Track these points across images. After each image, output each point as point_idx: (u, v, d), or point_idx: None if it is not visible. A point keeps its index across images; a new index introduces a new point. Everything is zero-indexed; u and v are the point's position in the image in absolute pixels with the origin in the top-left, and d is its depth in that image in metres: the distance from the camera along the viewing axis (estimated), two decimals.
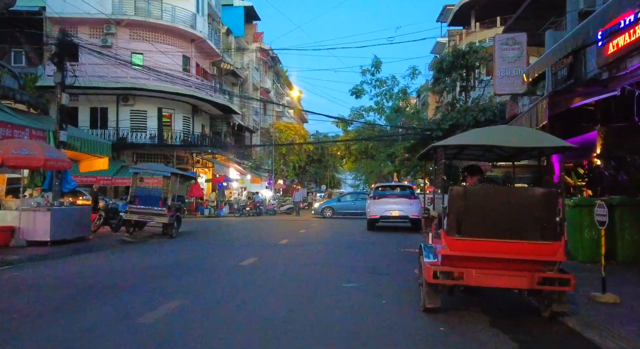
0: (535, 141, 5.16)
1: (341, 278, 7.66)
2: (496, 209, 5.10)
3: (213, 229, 19.04)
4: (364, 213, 26.65)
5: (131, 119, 29.18)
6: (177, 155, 29.65)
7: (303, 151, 40.89)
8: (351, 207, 27.01)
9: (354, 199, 28.29)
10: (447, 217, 5.18)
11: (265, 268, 8.88)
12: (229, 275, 7.91)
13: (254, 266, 8.95)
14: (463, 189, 5.31)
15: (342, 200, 28.54)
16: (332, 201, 29.29)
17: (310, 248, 12.01)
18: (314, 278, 7.70)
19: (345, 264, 9.27)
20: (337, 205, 27.66)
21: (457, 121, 25.70)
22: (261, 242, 13.68)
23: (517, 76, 16.92)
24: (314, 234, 16.16)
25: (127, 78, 28.13)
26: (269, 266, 9.11)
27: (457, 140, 5.56)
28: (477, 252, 5.05)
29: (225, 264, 9.22)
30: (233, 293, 6.51)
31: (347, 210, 26.94)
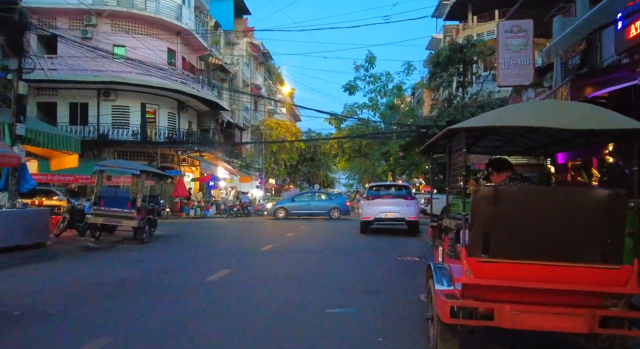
0: (602, 121, 3.60)
1: (326, 300, 6.12)
2: (539, 218, 3.57)
3: (193, 232, 17.44)
4: (320, 213, 25.37)
5: (113, 114, 27.49)
6: (161, 153, 27.99)
7: (295, 149, 39.25)
8: (306, 207, 25.26)
9: (309, 198, 26.38)
10: (470, 230, 3.65)
11: (236, 285, 7.32)
12: (187, 296, 6.32)
13: (222, 282, 7.39)
14: (492, 190, 3.77)
15: (296, 200, 26.35)
16: (286, 201, 27.18)
17: (294, 256, 10.46)
18: (291, 300, 6.15)
19: (333, 279, 7.73)
20: (291, 205, 25.61)
21: (454, 117, 24.23)
22: (241, 249, 12.12)
23: (523, 66, 15.49)
24: (301, 239, 14.62)
25: (108, 72, 26.45)
26: (241, 282, 7.55)
27: (486, 120, 3.99)
28: (513, 280, 3.52)
29: (190, 279, 7.64)
30: (181, 325, 4.93)
31: (301, 210, 25.12)
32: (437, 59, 26.55)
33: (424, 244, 13.14)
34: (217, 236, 15.99)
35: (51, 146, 14.60)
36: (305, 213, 25.05)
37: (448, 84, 26.82)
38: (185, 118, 30.88)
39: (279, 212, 25.11)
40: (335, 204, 25.79)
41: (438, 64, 26.41)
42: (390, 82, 33.10)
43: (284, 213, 25.03)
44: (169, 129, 28.89)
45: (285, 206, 25.68)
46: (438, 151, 5.87)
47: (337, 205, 25.65)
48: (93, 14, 26.77)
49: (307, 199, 26.33)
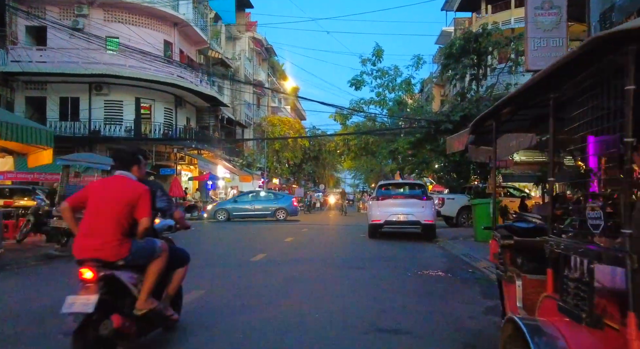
0: None
1: (323, 347, 4.06)
2: None
3: (182, 235, 15.39)
4: (265, 215, 23.05)
5: (105, 110, 25.60)
6: (156, 150, 26.06)
7: (298, 147, 37.15)
8: (249, 208, 23.21)
9: (253, 198, 24.09)
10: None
11: (201, 313, 5.30)
12: None
13: (187, 312, 5.34)
14: None
15: (239, 200, 24.06)
16: (228, 201, 24.68)
17: (289, 270, 8.39)
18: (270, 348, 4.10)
19: (336, 307, 5.64)
20: (233, 206, 23.37)
21: (469, 111, 22.07)
22: (229, 258, 10.08)
23: (556, 48, 13.38)
24: (301, 245, 12.55)
25: (100, 64, 24.56)
26: (211, 308, 5.54)
27: None
28: None
29: None
30: None
31: (245, 212, 23.04)
32: (449, 49, 24.35)
33: (443, 252, 11.05)
34: (207, 241, 13.97)
35: (17, 138, 12.54)
36: (248, 215, 22.96)
37: (461, 76, 24.62)
38: (182, 114, 28.95)
39: (220, 214, 22.83)
40: (281, 204, 23.60)
41: (451, 55, 24.21)
42: (399, 76, 31.02)
43: (225, 215, 22.79)
44: (165, 126, 26.96)
45: (227, 207, 23.41)
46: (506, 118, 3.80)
47: (283, 205, 23.53)
48: (84, 3, 24.97)
49: (250, 199, 23.99)
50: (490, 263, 9.06)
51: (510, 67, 25.59)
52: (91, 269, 3.37)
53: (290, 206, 23.77)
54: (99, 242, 3.46)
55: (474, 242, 12.40)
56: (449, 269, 8.51)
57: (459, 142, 15.67)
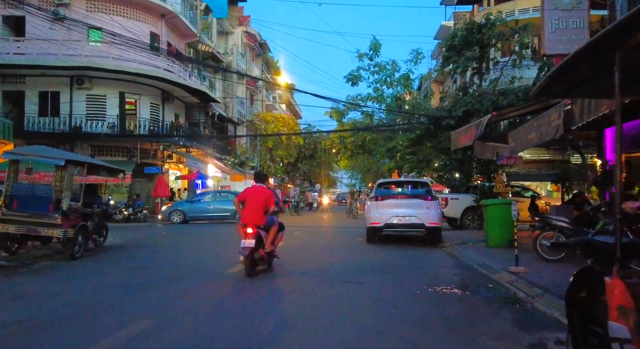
0: None
1: None
2: None
3: (157, 241, 13.84)
4: (224, 216, 20.83)
5: (87, 105, 23.96)
6: (142, 148, 24.42)
7: (292, 145, 35.46)
8: (207, 209, 21.22)
9: (211, 199, 21.99)
10: None
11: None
12: None
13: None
14: None
15: (195, 201, 21.96)
16: (183, 202, 22.35)
17: (267, 287, 6.82)
18: None
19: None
20: (189, 207, 21.27)
21: (472, 106, 20.58)
22: (200, 269, 8.47)
23: (576, 30, 11.86)
24: (289, 251, 10.95)
25: (82, 57, 22.93)
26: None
27: None
28: None
29: (74, 344, 4.05)
30: None
31: (202, 213, 21.14)
32: (451, 41, 22.82)
33: (453, 261, 9.48)
34: (183, 247, 12.35)
35: None
36: (206, 216, 21.04)
37: (463, 69, 23.07)
38: (170, 110, 27.32)
39: (175, 215, 20.76)
40: None
41: (452, 48, 22.69)
42: (397, 72, 29.51)
43: (181, 217, 20.71)
44: (151, 122, 25.33)
45: (183, 208, 21.21)
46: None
47: None
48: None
49: (208, 199, 21.89)
50: (512, 275, 7.56)
51: (514, 60, 24.11)
52: (252, 228, 7.31)
53: None
54: (253, 216, 7.50)
55: (486, 248, 10.87)
56: (465, 285, 6.96)
57: (465, 136, 14.11)
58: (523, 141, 10.32)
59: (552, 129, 8.53)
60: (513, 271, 7.57)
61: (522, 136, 10.32)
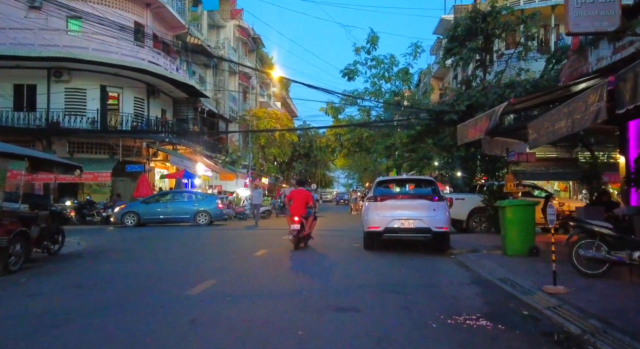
0: None
1: None
2: None
3: (130, 246, 12.07)
4: (183, 219, 18.88)
5: (66, 99, 22.18)
6: (124, 145, 22.66)
7: (286, 143, 33.64)
8: (164, 211, 19.11)
9: (170, 199, 19.79)
10: None
11: None
12: None
13: None
14: None
15: (152, 201, 19.55)
16: (137, 203, 19.58)
17: (235, 318, 5.07)
18: None
19: None
20: (144, 209, 18.92)
21: (476, 100, 18.92)
22: (156, 290, 6.69)
23: (605, 4, 10.21)
24: (273, 261, 9.22)
25: (60, 47, 21.16)
26: None
27: None
28: None
29: None
30: None
31: (159, 215, 19.05)
32: (453, 31, 21.13)
33: (469, 275, 7.77)
34: (151, 255, 10.57)
35: None
36: (163, 219, 19.03)
37: (467, 61, 21.38)
38: (157, 105, 25.55)
39: (128, 218, 18.57)
40: (203, 206, 19.37)
41: (455, 38, 21.01)
42: (395, 65, 27.83)
43: (135, 220, 18.55)
44: (135, 117, 23.56)
45: (137, 210, 18.87)
46: None
47: (205, 208, 19.33)
48: None
49: (166, 200, 19.67)
50: (552, 298, 5.83)
51: (519, 52, 22.46)
52: (298, 217, 10.70)
53: (214, 209, 19.43)
54: (298, 209, 10.88)
55: (504, 257, 9.17)
56: (494, 313, 5.25)
57: (475, 129, 12.29)
58: (548, 131, 8.57)
59: (590, 115, 6.84)
60: (551, 292, 5.87)
61: (546, 126, 8.59)
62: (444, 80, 37.21)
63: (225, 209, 20.59)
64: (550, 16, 24.27)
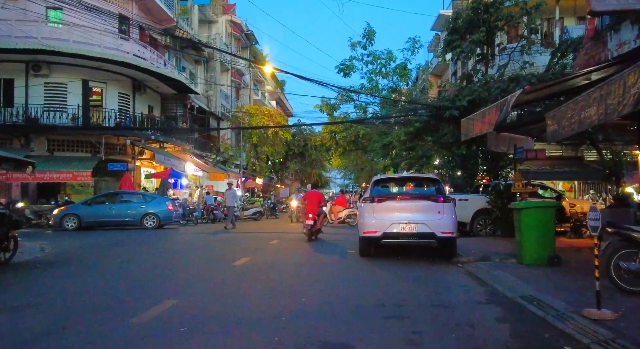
0: None
1: None
2: None
3: (97, 253, 10.74)
4: (129, 221, 17.26)
5: (46, 94, 20.82)
6: (108, 142, 21.32)
7: (279, 142, 32.27)
8: (107, 213, 17.35)
9: (114, 200, 17.98)
10: None
11: None
12: None
13: None
14: None
15: (94, 203, 17.68)
16: (78, 204, 17.85)
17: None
18: None
19: None
20: (85, 211, 17.17)
21: (478, 95, 17.69)
22: (108, 312, 5.35)
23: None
24: (252, 274, 7.91)
25: (38, 39, 19.79)
26: None
27: None
28: None
29: None
30: None
31: (102, 218, 17.25)
32: (454, 23, 19.90)
33: (484, 290, 6.49)
34: (115, 263, 9.23)
35: None
36: (107, 221, 17.29)
37: (468, 54, 20.12)
38: (143, 102, 24.19)
39: (68, 221, 16.88)
40: (151, 208, 17.59)
41: (456, 30, 19.79)
42: (393, 61, 26.63)
43: (75, 222, 16.84)
44: (120, 114, 22.20)
45: (78, 212, 17.15)
46: None
47: (154, 210, 17.56)
48: None
49: (110, 202, 17.92)
50: (598, 326, 4.55)
51: (522, 46, 21.24)
52: (312, 214, 12.64)
53: (164, 211, 17.67)
54: (312, 208, 12.81)
55: (520, 266, 7.89)
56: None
57: (482, 122, 10.91)
58: (573, 122, 7.30)
59: (631, 99, 5.61)
60: (595, 318, 4.59)
61: (569, 115, 7.32)
62: (442, 78, 36.00)
63: (177, 212, 18.47)
64: (554, 8, 23.02)
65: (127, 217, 17.56)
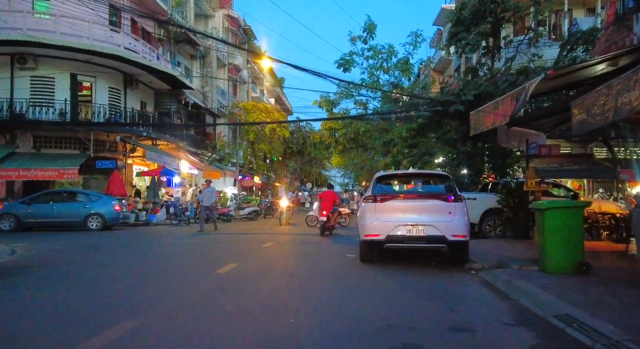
0: None
1: None
2: None
3: (64, 260, 9.71)
4: (72, 222, 15.95)
5: (32, 88, 19.79)
6: (97, 139, 20.26)
7: (277, 139, 31.15)
8: (48, 213, 16.12)
9: (56, 200, 16.71)
10: None
11: None
12: None
13: None
14: None
15: (34, 203, 16.34)
16: (16, 203, 16.64)
17: None
18: None
19: None
20: (24, 211, 15.98)
21: (485, 89, 16.67)
22: (45, 340, 4.32)
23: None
24: (236, 284, 6.86)
25: (24, 30, 18.76)
26: None
27: None
28: None
29: None
30: None
31: (43, 218, 16.09)
32: (459, 14, 18.86)
33: (504, 302, 5.45)
34: (85, 272, 8.21)
35: None
36: (48, 222, 16.10)
37: (474, 46, 19.05)
38: (135, 97, 23.14)
39: (5, 221, 15.74)
40: (96, 209, 16.31)
41: (460, 22, 18.75)
42: (394, 56, 25.56)
43: (12, 223, 15.69)
44: (111, 109, 21.17)
45: (15, 211, 15.97)
46: None
47: (99, 211, 16.29)
48: None
49: (51, 201, 16.57)
50: None
51: (530, 38, 20.23)
52: (326, 211, 14.26)
53: (110, 212, 16.39)
54: (327, 206, 14.36)
55: (545, 276, 6.84)
56: None
57: (495, 114, 9.68)
58: (606, 109, 6.27)
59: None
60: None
61: (601, 101, 6.31)
62: (444, 74, 34.96)
63: (124, 212, 17.16)
64: (562, 0, 22.02)
65: (69, 218, 16.14)
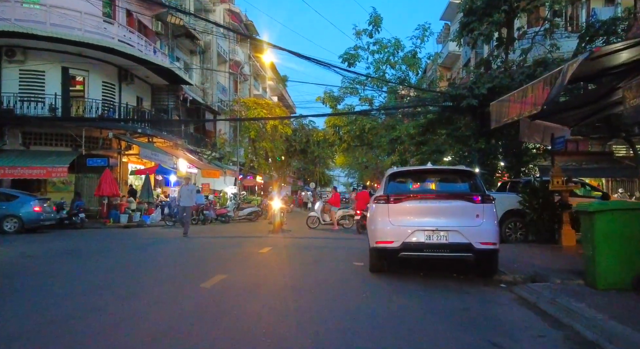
0: None
1: None
2: None
3: (49, 268, 8.54)
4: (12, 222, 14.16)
5: (21, 82, 18.68)
6: (89, 136, 19.12)
7: (279, 137, 29.93)
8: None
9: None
10: None
11: None
12: None
13: None
14: None
15: None
16: None
17: None
18: None
19: None
20: None
21: (499, 81, 15.42)
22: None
23: None
24: (223, 303, 5.66)
25: (12, 21, 17.66)
26: None
27: None
28: None
29: None
30: None
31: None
32: (471, 3, 17.61)
33: (554, 330, 4.19)
34: (49, 286, 7.03)
35: None
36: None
37: (487, 37, 17.78)
38: (131, 92, 22.00)
39: None
40: (12, 210, 14.74)
41: (472, 11, 17.52)
42: (401, 50, 24.32)
43: None
44: (105, 105, 20.03)
45: None
46: None
47: (14, 212, 14.72)
48: None
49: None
50: None
51: (545, 30, 19.00)
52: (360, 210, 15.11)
53: (28, 213, 14.75)
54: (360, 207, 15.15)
55: (596, 293, 5.58)
56: None
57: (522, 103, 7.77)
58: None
59: None
60: None
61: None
62: (452, 70, 33.67)
63: (45, 214, 15.31)
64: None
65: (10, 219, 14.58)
